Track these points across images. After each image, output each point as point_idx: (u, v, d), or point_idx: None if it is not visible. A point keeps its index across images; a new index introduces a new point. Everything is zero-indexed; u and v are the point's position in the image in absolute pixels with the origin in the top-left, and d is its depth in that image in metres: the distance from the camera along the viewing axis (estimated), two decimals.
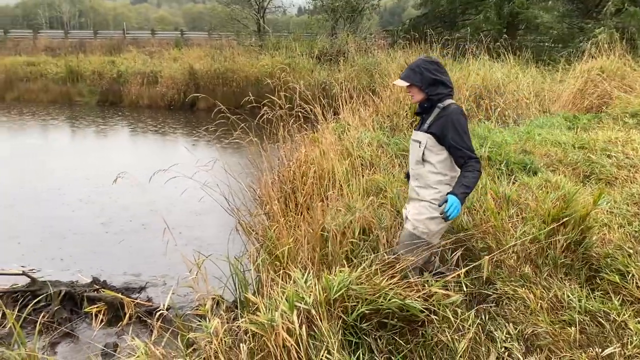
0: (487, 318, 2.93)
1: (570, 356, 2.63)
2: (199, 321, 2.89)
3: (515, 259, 3.37)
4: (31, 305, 3.92)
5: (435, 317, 2.76)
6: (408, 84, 3.17)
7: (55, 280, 4.86)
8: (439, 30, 16.01)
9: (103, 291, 4.55)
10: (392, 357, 2.66)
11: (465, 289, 2.97)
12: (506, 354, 2.70)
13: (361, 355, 2.52)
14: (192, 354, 2.68)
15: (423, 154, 3.14)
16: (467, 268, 3.08)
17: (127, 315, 4.07)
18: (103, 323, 4.25)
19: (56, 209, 7.38)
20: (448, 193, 2.87)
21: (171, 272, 5.16)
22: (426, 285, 2.91)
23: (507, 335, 2.80)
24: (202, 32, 31.00)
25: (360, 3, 20.89)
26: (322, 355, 2.37)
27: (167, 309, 3.14)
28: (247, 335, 2.63)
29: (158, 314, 2.93)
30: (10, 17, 78.23)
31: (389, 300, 2.72)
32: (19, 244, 6.08)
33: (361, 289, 2.75)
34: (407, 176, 3.55)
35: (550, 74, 10.32)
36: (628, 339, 2.68)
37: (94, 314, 4.30)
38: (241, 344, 2.52)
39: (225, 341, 2.62)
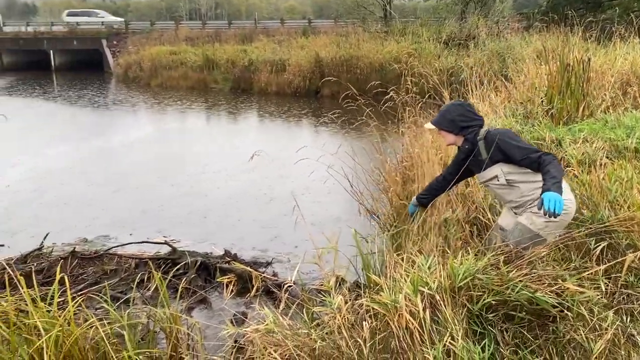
0: (628, 320, 2.70)
1: None
2: (323, 297, 2.99)
3: None
4: (173, 271, 4.30)
5: (569, 313, 2.59)
6: (437, 127, 3.39)
7: (192, 250, 5.28)
8: (581, 12, 14.73)
9: (234, 263, 4.85)
10: (519, 351, 2.55)
11: (604, 287, 2.75)
12: None
13: (486, 345, 2.45)
14: (315, 327, 2.77)
15: (507, 181, 3.16)
16: (608, 265, 2.86)
17: (255, 288, 4.33)
18: (233, 293, 4.55)
19: (195, 185, 8.02)
20: (541, 194, 2.76)
21: (295, 250, 5.38)
22: (559, 279, 2.74)
23: None
24: (329, 20, 31.51)
25: None
26: (446, 341, 2.34)
27: (294, 283, 3.28)
28: (369, 314, 2.67)
29: (286, 286, 3.07)
30: (156, 10, 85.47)
31: (517, 292, 2.61)
32: (162, 216, 6.70)
33: (488, 279, 2.67)
34: (421, 202, 3.70)
35: None
36: None
37: (225, 284, 4.61)
38: (363, 322, 2.56)
39: (347, 318, 2.68)
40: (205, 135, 13.01)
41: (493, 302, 2.62)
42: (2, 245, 5.72)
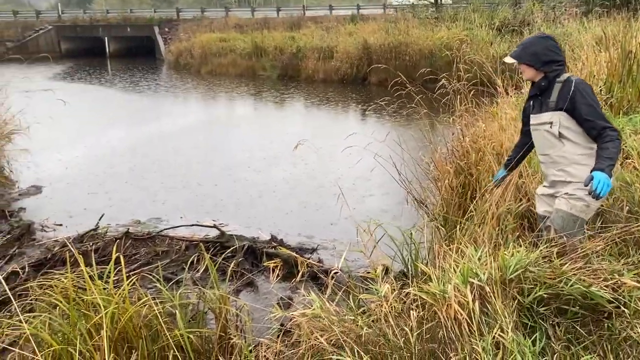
0: None
1: None
2: (369, 285, 2.99)
3: None
4: (223, 255, 4.38)
5: (626, 310, 2.49)
6: (517, 61, 3.14)
7: (240, 235, 5.38)
8: None
9: (280, 249, 4.92)
10: (571, 347, 2.48)
11: None
12: None
13: (537, 339, 2.40)
14: (362, 314, 2.78)
15: (559, 134, 3.01)
16: None
17: (300, 273, 4.37)
18: (279, 277, 4.60)
19: (243, 171, 8.14)
20: (592, 170, 2.73)
21: (341, 237, 5.39)
22: (616, 274, 2.64)
23: None
24: (378, 5, 31.12)
25: None
26: (495, 333, 2.30)
27: (340, 270, 3.29)
28: (416, 304, 2.65)
29: (332, 272, 3.09)
30: None
31: (571, 286, 2.53)
32: (211, 201, 6.84)
33: (540, 272, 2.60)
34: (507, 165, 3.61)
35: None
36: None
37: (271, 268, 4.66)
38: (411, 311, 2.55)
39: (394, 306, 2.67)
40: (253, 121, 13.16)
41: (545, 295, 2.56)
42: (61, 225, 6.00)
